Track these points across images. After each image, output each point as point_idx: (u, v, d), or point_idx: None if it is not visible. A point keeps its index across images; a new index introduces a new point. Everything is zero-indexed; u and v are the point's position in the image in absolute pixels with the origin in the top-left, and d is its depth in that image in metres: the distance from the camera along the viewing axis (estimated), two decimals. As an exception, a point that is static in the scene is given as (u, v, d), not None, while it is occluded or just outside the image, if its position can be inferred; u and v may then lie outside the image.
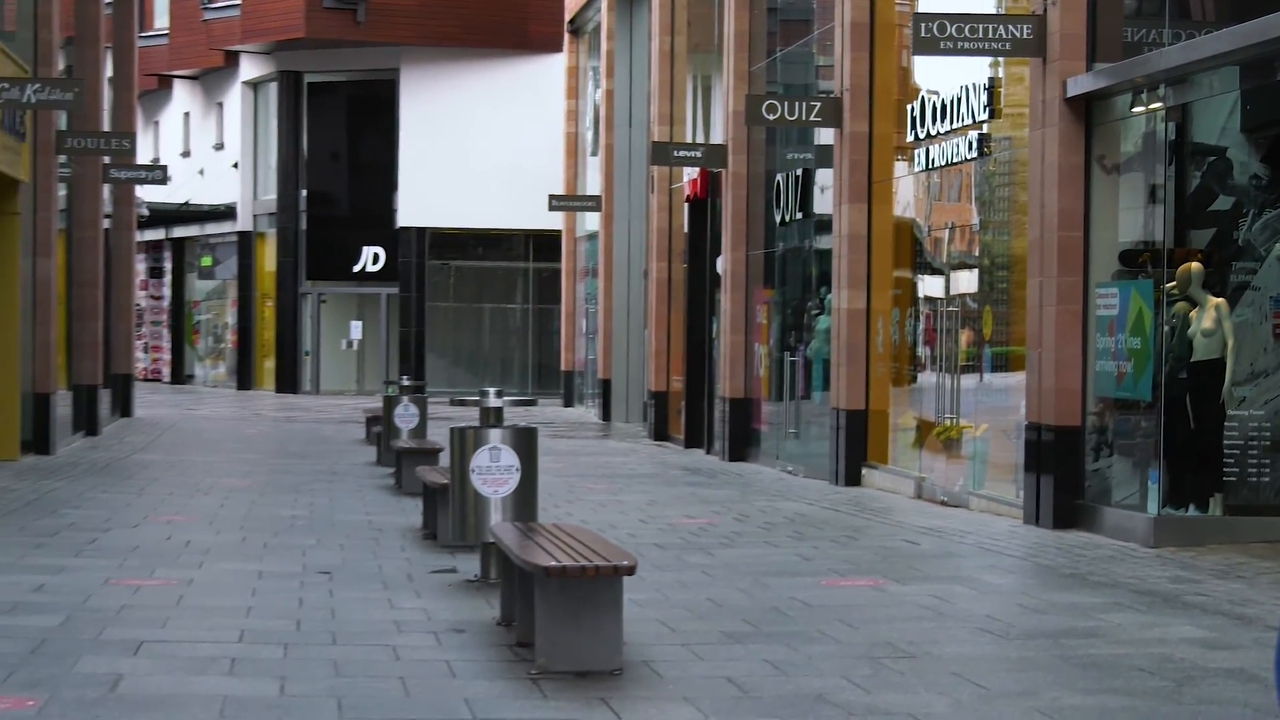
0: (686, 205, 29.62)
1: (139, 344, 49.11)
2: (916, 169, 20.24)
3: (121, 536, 14.99)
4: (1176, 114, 15.38)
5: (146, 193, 43.63)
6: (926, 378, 20.10)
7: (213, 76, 52.14)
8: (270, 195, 49.32)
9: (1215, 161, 15.80)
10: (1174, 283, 14.93)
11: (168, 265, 56.35)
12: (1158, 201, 15.41)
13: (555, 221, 42.85)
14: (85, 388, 29.06)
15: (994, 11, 17.76)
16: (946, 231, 20.16)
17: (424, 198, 47.01)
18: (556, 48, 43.71)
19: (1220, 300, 14.88)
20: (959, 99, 18.67)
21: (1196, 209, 15.64)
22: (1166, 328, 14.84)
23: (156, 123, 55.52)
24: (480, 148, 46.02)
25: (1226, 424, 14.96)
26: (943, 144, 19.24)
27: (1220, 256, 15.45)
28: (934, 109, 19.35)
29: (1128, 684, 8.80)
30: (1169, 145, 15.37)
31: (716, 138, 27.49)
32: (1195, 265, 14.97)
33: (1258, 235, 15.41)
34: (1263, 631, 10.38)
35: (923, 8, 18.93)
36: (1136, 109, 15.62)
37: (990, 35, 16.32)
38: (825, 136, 22.11)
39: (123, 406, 34.66)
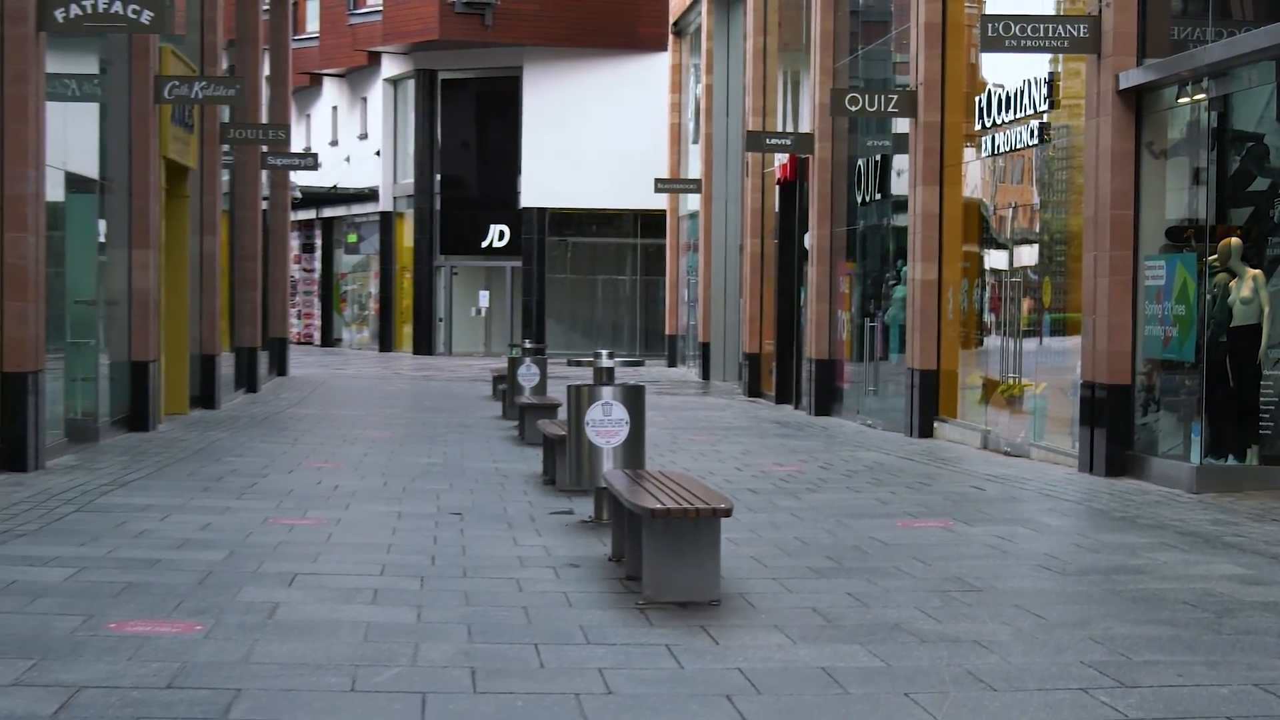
0: (777, 187, 29.56)
1: (293, 311, 49.44)
2: (983, 154, 20.15)
3: (278, 481, 15.14)
4: (1218, 104, 15.28)
5: (299, 177, 43.89)
6: (992, 341, 20.01)
7: (357, 74, 52.37)
8: (408, 179, 49.53)
9: (1253, 147, 15.65)
10: (1215, 256, 14.83)
11: (318, 242, 56.68)
12: (1201, 183, 15.34)
13: (660, 202, 42.83)
14: (246, 350, 29.34)
15: (1054, 13, 17.61)
16: (1010, 210, 20.06)
17: (543, 181, 47.11)
18: (662, 47, 43.61)
19: (1257, 271, 14.77)
20: (1022, 91, 18.61)
21: (1236, 190, 15.49)
22: (1208, 296, 14.74)
23: (308, 115, 55.81)
24: (593, 136, 46.03)
25: (1263, 382, 14.85)
26: (1007, 132, 19.17)
27: (1257, 232, 15.31)
28: (999, 100, 19.27)
29: (1172, 616, 8.75)
30: (1211, 132, 15.29)
31: (804, 127, 27.40)
32: (1235, 240, 14.87)
33: (1290, 215, 15.30)
34: (1271, 569, 10.28)
35: (990, 10, 18.81)
36: (1182, 100, 15.51)
37: (1050, 34, 16.25)
38: (901, 126, 22.01)
39: (279, 366, 34.95)
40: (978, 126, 20.02)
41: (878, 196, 24.04)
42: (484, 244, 48.62)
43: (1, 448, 14.91)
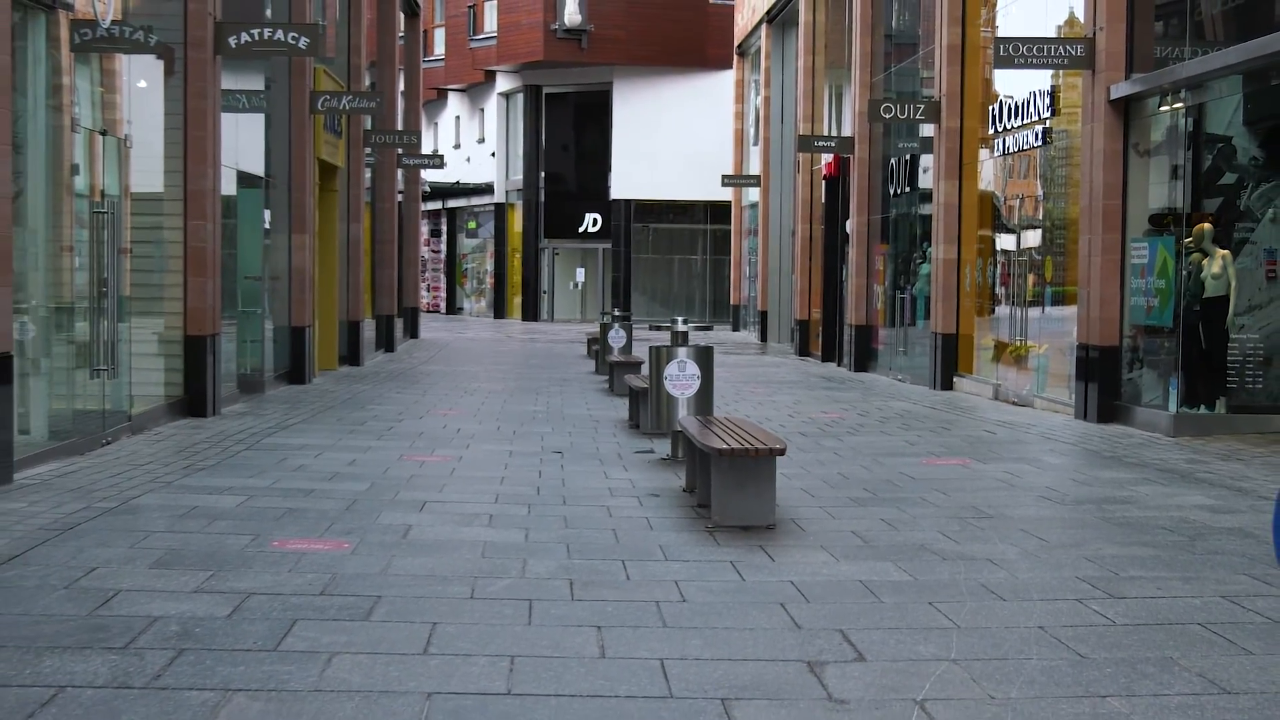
0: (823, 182, 29.48)
1: (423, 285, 49.71)
2: (996, 154, 20.06)
3: (410, 425, 15.24)
4: (1194, 111, 15.17)
5: (428, 175, 44.11)
6: (1002, 310, 19.92)
7: (476, 89, 52.46)
8: (518, 176, 49.62)
9: (1223, 147, 15.53)
10: (1190, 238, 14.77)
11: (444, 228, 56.85)
12: (1178, 178, 15.28)
13: (725, 194, 42.82)
14: (384, 317, 29.52)
15: (1055, 35, 17.46)
16: (1018, 201, 19.98)
17: (629, 177, 47.13)
18: (727, 65, 43.48)
19: (1226, 252, 14.70)
20: (1028, 101, 18.54)
21: (1208, 183, 15.37)
22: (1184, 272, 14.70)
23: (436, 123, 55.93)
24: (670, 140, 45.98)
25: (1229, 345, 14.76)
26: (1015, 135, 19.09)
27: (1226, 219, 15.20)
28: (1009, 109, 19.20)
29: (1153, 539, 8.70)
30: (1187, 135, 15.21)
31: (846, 131, 27.27)
32: (1207, 225, 14.81)
33: (1255, 203, 15.19)
34: (1256, 500, 10.20)
35: (1002, 33, 18.65)
36: (1163, 108, 15.42)
37: (1052, 53, 16.21)
38: (927, 130, 21.90)
39: (411, 331, 35.15)
40: (991, 130, 19.93)
41: (907, 189, 24.00)
42: (580, 229, 48.67)
43: (186, 398, 15.10)
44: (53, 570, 7.27)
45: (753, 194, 39.04)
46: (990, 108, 19.99)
